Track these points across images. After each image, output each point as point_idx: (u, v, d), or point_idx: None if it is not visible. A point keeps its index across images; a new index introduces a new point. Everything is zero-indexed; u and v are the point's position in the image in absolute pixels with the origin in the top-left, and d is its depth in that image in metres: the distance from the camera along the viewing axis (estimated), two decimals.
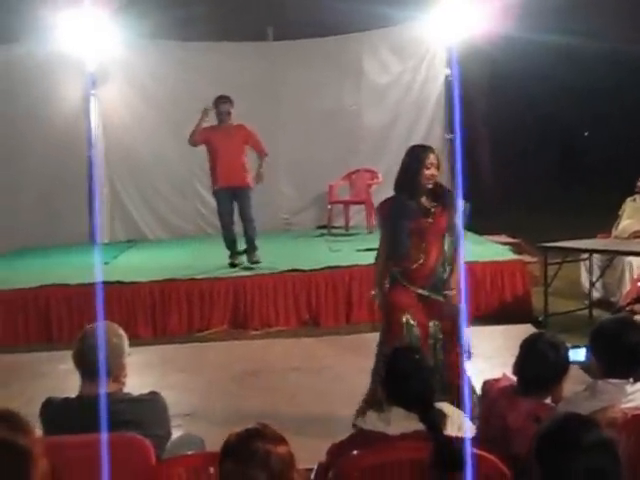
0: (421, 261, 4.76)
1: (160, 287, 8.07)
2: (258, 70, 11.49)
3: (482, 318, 7.76)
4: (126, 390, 3.32)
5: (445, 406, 3.05)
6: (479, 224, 10.62)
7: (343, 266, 8.31)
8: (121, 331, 3.28)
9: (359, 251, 8.73)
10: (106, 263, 9.22)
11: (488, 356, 6.14)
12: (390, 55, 11.89)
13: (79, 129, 11.06)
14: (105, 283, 7.67)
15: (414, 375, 3.00)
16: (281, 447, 2.26)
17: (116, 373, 3.22)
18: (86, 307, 7.48)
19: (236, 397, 5.91)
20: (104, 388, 3.12)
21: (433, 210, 4.78)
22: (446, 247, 4.82)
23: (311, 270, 8.30)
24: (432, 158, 4.77)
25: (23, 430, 2.23)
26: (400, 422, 2.92)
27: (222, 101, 8.60)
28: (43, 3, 10.10)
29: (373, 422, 2.99)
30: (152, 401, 3.25)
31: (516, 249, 9.13)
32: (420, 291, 4.78)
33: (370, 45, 11.84)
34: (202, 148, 8.75)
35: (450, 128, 11.50)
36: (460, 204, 4.84)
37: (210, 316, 7.98)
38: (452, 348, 4.76)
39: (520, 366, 3.30)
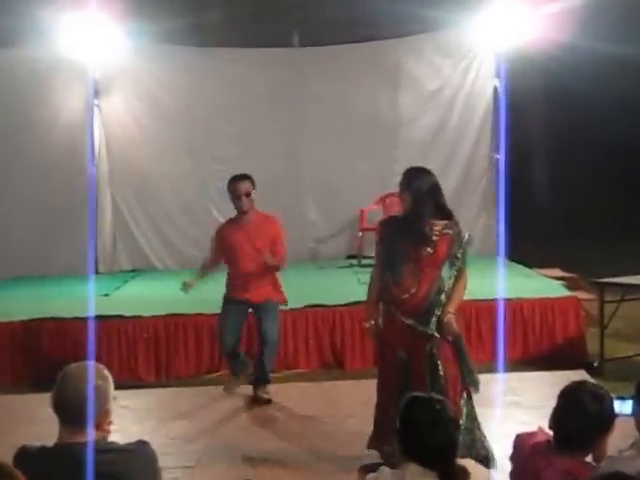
0: (413, 290, 5.00)
1: (165, 322, 8.13)
2: (281, 79, 11.50)
3: (530, 362, 7.76)
4: (123, 438, 3.32)
5: (468, 463, 3.02)
6: (530, 255, 10.60)
7: None
8: (106, 372, 3.28)
9: None
10: (106, 295, 9.28)
11: (533, 406, 6.09)
12: (435, 58, 11.77)
13: (80, 144, 11.04)
14: (103, 317, 7.74)
15: (433, 428, 2.97)
16: None
17: (99, 420, 3.21)
18: (82, 344, 7.51)
19: (242, 449, 5.89)
20: (88, 436, 3.13)
21: (435, 239, 4.97)
22: (444, 278, 5.02)
23: (335, 305, 8.31)
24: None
25: None
26: None
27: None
28: (44, 5, 10.20)
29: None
30: (139, 451, 3.25)
31: (571, 285, 9.06)
32: (408, 322, 4.98)
33: (411, 50, 11.74)
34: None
35: (498, 147, 11.43)
36: (465, 235, 5.02)
37: (220, 356, 7.92)
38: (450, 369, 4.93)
39: (557, 419, 3.26)
